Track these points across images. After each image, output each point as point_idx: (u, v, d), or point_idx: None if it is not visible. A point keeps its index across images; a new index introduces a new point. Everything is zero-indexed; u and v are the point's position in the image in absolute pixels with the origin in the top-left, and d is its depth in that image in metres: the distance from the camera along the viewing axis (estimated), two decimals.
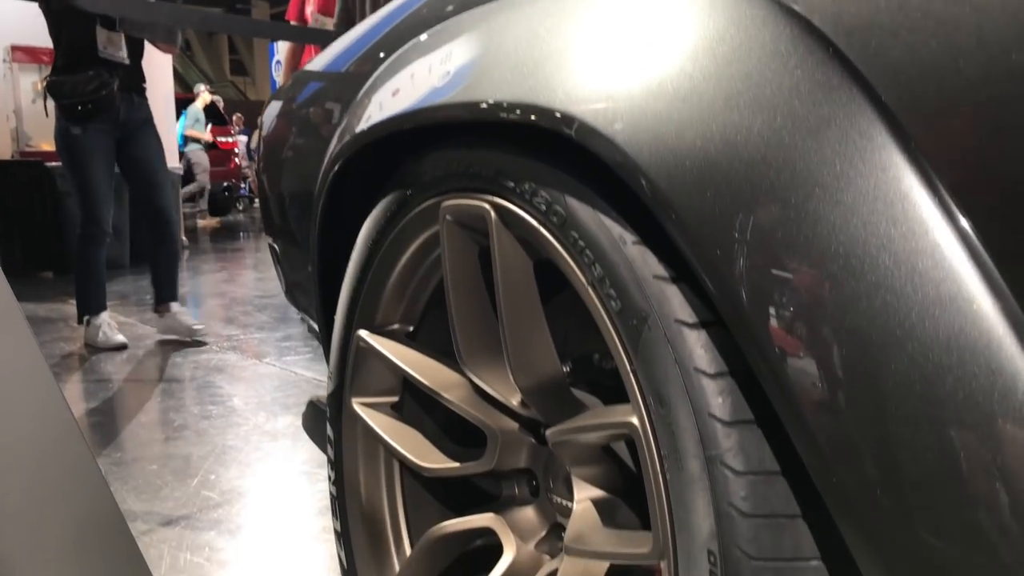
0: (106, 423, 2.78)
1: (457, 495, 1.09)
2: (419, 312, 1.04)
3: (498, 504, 0.98)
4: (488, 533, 0.94)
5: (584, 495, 0.83)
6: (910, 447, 0.47)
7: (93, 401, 3.00)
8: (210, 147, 10.85)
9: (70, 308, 4.31)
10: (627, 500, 0.83)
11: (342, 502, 1.11)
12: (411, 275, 1.00)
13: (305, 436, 2.29)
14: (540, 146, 0.74)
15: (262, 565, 1.70)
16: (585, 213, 0.67)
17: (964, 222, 0.46)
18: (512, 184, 0.76)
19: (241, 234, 9.31)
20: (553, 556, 0.91)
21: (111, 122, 3.56)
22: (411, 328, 1.04)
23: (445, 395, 0.94)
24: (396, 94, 0.93)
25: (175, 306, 3.89)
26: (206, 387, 3.17)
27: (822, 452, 0.50)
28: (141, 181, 3.72)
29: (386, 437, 1.03)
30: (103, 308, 3.78)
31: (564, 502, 0.91)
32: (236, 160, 12.10)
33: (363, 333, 1.03)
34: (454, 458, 0.99)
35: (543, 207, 0.72)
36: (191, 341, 3.81)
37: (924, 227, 0.46)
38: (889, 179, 0.48)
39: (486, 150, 0.81)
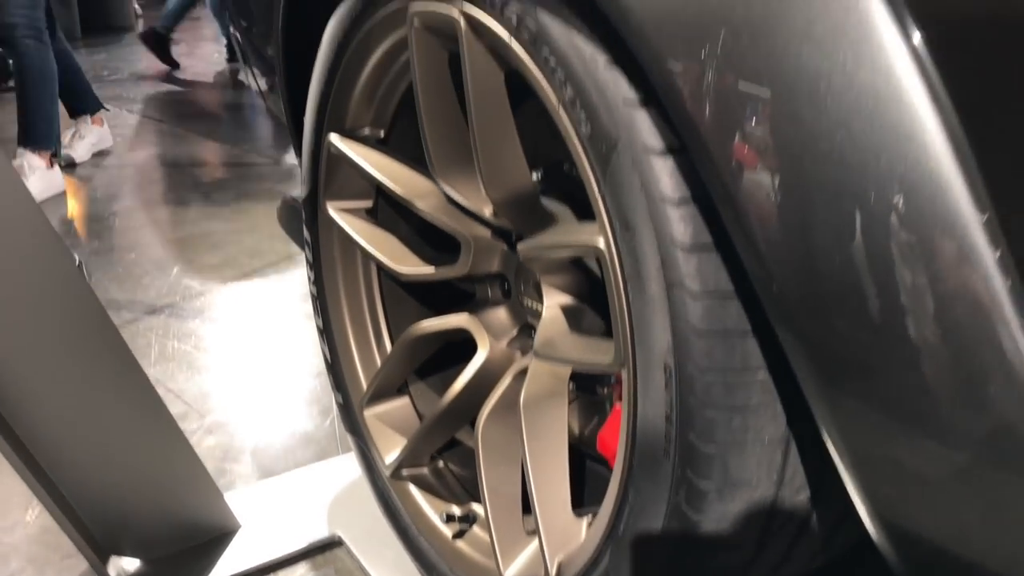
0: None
1: (434, 293, 1.13)
2: (390, 116, 1.03)
3: (472, 305, 1.03)
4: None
5: (553, 301, 0.87)
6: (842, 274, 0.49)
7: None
8: None
9: None
10: (593, 307, 0.87)
11: (323, 301, 1.15)
12: (379, 79, 0.98)
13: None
14: None
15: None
16: (557, 30, 0.65)
17: (930, 67, 0.46)
18: None
19: None
20: (524, 353, 0.97)
21: None
22: (382, 133, 1.03)
23: (418, 204, 0.96)
24: None
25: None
26: None
27: (767, 267, 0.52)
28: None
29: (362, 242, 1.05)
30: None
31: (534, 304, 0.96)
32: None
33: (334, 138, 1.02)
34: (429, 262, 1.02)
35: (514, 20, 0.70)
36: None
37: (889, 68, 0.46)
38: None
39: None
